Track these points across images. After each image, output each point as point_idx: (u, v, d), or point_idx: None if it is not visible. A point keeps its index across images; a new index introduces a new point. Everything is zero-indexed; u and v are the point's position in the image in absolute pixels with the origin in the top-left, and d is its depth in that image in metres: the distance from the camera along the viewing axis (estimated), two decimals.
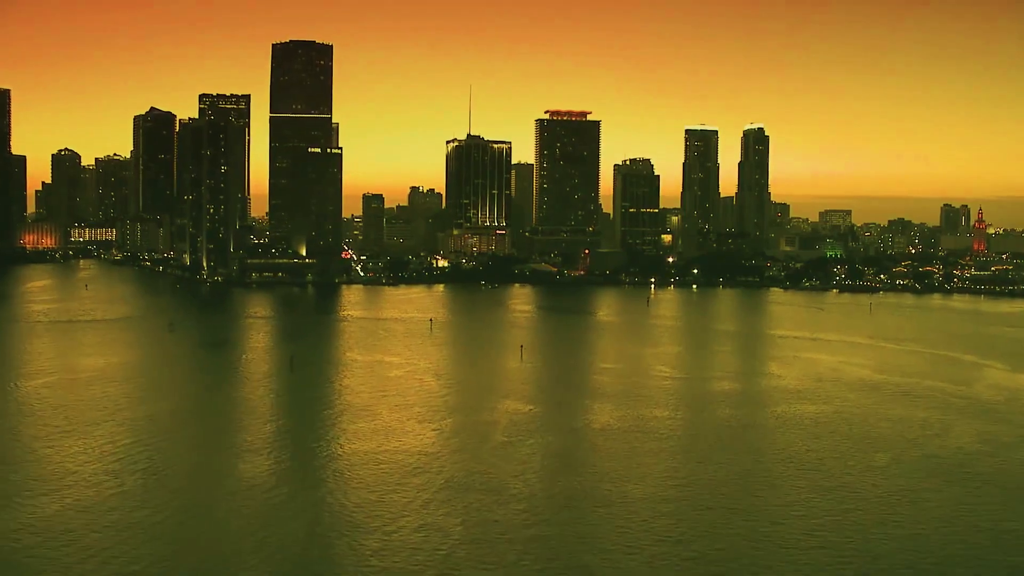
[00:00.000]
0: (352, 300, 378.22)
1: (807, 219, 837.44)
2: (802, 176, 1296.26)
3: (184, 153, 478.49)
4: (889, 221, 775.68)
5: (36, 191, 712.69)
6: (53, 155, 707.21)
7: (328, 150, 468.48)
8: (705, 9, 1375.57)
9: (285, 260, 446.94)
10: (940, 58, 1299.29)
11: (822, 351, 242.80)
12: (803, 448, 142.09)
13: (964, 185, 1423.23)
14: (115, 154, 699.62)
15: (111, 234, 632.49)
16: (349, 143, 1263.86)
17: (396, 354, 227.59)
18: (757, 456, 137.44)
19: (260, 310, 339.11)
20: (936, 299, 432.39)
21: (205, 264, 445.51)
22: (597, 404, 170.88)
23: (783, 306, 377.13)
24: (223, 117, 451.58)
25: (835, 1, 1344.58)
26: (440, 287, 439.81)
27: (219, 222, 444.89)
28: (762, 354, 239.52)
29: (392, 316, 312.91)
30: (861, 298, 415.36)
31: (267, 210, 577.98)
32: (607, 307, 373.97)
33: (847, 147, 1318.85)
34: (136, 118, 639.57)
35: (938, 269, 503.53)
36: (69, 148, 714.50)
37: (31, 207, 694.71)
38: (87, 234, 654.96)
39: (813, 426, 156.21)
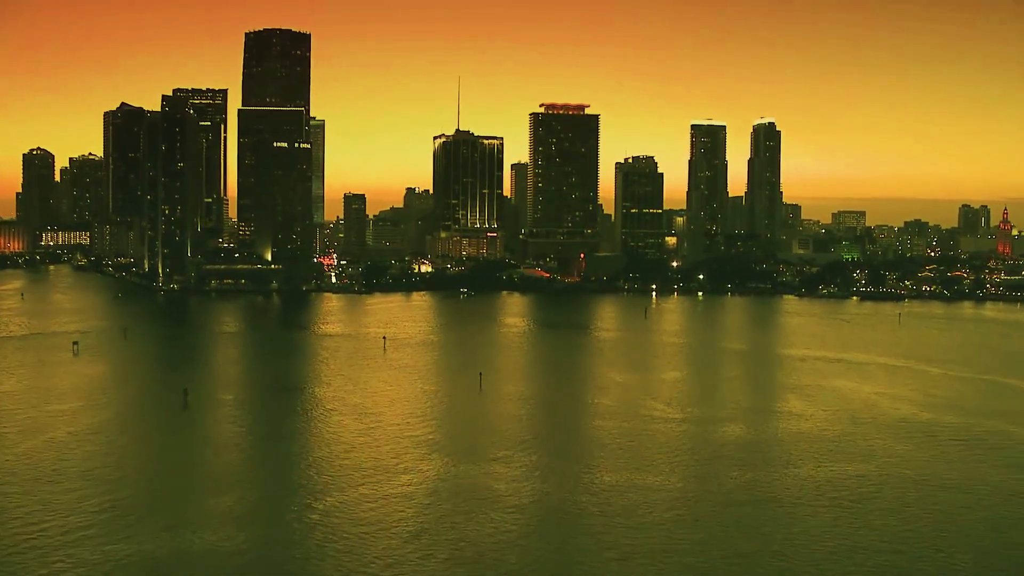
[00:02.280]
0: (313, 311, 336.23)
1: (818, 221, 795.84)
2: (812, 177, 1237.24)
3: (144, 150, 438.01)
4: (905, 222, 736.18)
5: (17, 193, 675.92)
6: (24, 155, 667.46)
7: (296, 144, 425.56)
8: None
9: (247, 266, 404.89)
10: (955, 56, 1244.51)
11: (852, 377, 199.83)
12: (843, 544, 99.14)
13: (977, 186, 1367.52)
14: (90, 153, 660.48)
15: (84, 238, 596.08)
16: (337, 142, 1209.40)
17: (327, 383, 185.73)
18: (774, 563, 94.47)
19: (203, 323, 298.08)
20: (967, 308, 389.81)
21: (160, 270, 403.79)
22: (558, 462, 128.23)
23: (800, 317, 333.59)
24: (179, 108, 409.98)
25: None
26: (419, 295, 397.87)
27: (175, 224, 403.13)
28: (779, 383, 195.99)
29: (346, 331, 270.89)
30: (885, 307, 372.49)
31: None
32: (600, 318, 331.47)
33: (858, 147, 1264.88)
34: (106, 114, 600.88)
35: (966, 274, 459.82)
36: (42, 148, 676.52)
37: (11, 211, 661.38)
38: (60, 237, 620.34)
39: (853, 503, 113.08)
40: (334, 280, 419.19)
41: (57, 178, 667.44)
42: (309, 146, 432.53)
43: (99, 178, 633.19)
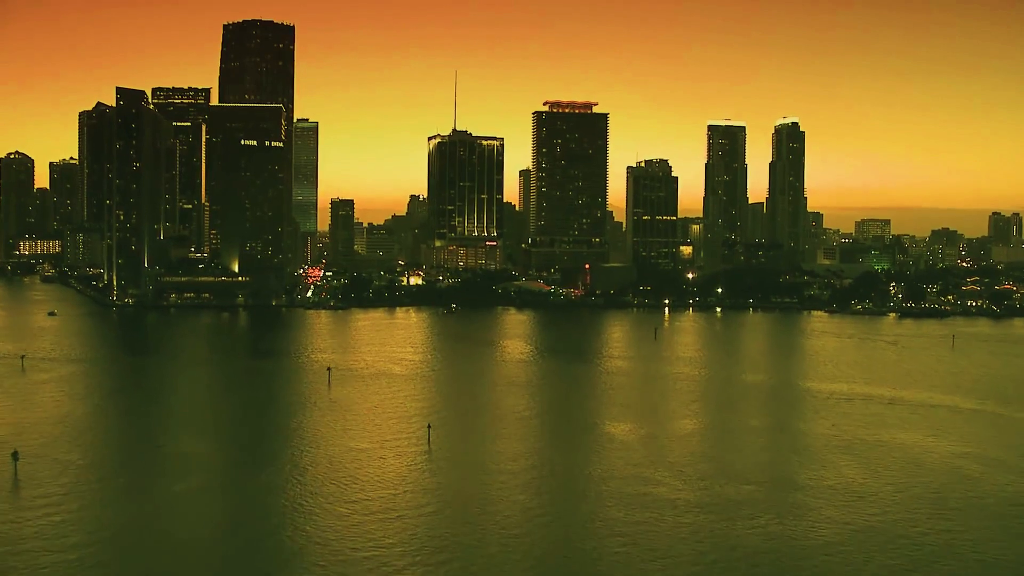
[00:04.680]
0: (273, 331, 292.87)
1: (838, 230, 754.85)
2: (833, 185, 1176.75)
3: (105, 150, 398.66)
4: (933, 231, 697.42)
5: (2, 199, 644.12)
6: (1, 160, 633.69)
7: (267, 143, 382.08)
8: None
9: (210, 278, 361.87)
10: (981, 61, 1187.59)
11: (918, 427, 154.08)
12: None
13: (1004, 194, 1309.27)
14: (71, 158, 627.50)
15: (59, 247, 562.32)
16: (335, 147, 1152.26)
17: (230, 438, 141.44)
18: None
19: (138, 348, 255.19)
20: (1020, 326, 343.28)
21: (115, 283, 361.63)
22: None
23: (835, 339, 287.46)
24: (134, 103, 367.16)
25: None
26: (404, 311, 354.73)
27: (130, 231, 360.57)
28: (822, 437, 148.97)
29: (299, 358, 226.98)
30: (929, 326, 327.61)
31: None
32: (602, 341, 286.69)
33: (881, 154, 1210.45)
34: (81, 115, 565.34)
35: (1015, 287, 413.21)
36: (20, 152, 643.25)
37: None
38: (38, 246, 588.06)
39: None
40: (310, 294, 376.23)
41: (38, 184, 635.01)
42: (282, 144, 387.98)
43: (78, 183, 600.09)
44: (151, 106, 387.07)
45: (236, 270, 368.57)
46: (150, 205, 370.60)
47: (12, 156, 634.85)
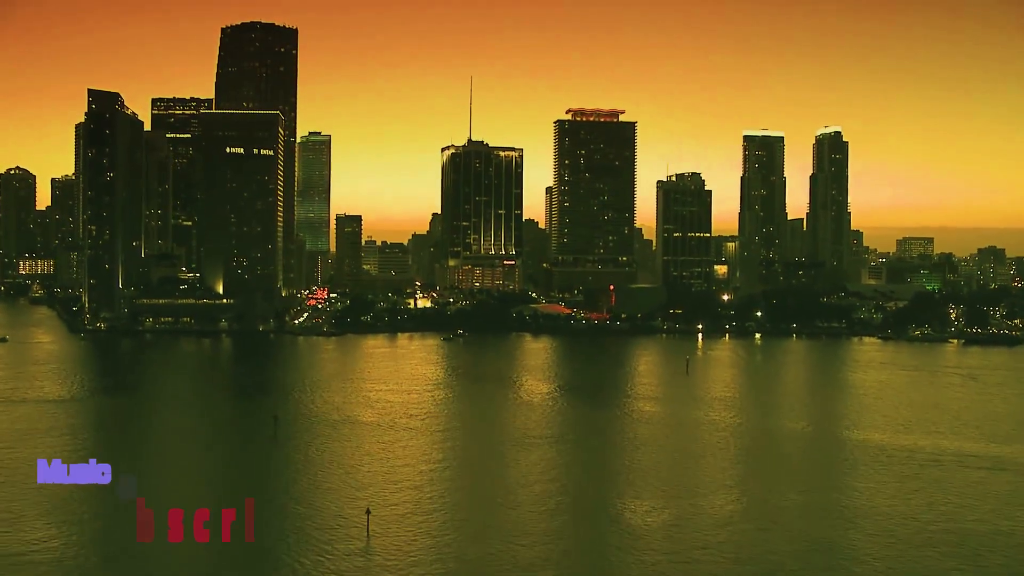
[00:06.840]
0: (247, 361, 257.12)
1: (875, 250, 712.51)
2: (873, 202, 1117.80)
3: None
4: (979, 249, 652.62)
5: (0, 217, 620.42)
6: (1, 176, 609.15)
7: (256, 151, 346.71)
8: None
9: (191, 300, 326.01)
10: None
11: None
12: None
13: None
14: (72, 173, 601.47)
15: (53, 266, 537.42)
16: (348, 161, 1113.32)
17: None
18: None
19: (78, 385, 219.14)
20: None
21: (86, 305, 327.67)
22: None
23: (898, 372, 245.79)
24: (107, 107, 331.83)
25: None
26: (407, 338, 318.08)
27: (103, 248, 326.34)
28: (915, 523, 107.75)
29: (256, 400, 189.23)
30: (999, 355, 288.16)
31: None
32: (626, 375, 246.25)
33: (924, 170, 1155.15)
34: (77, 127, 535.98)
35: None
36: (21, 167, 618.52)
37: None
38: (38, 266, 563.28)
39: None
40: (301, 319, 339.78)
41: (44, 201, 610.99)
42: (272, 153, 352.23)
43: (77, 200, 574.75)
44: (130, 111, 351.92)
45: (220, 291, 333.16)
46: (127, 219, 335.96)
47: (12, 172, 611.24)
